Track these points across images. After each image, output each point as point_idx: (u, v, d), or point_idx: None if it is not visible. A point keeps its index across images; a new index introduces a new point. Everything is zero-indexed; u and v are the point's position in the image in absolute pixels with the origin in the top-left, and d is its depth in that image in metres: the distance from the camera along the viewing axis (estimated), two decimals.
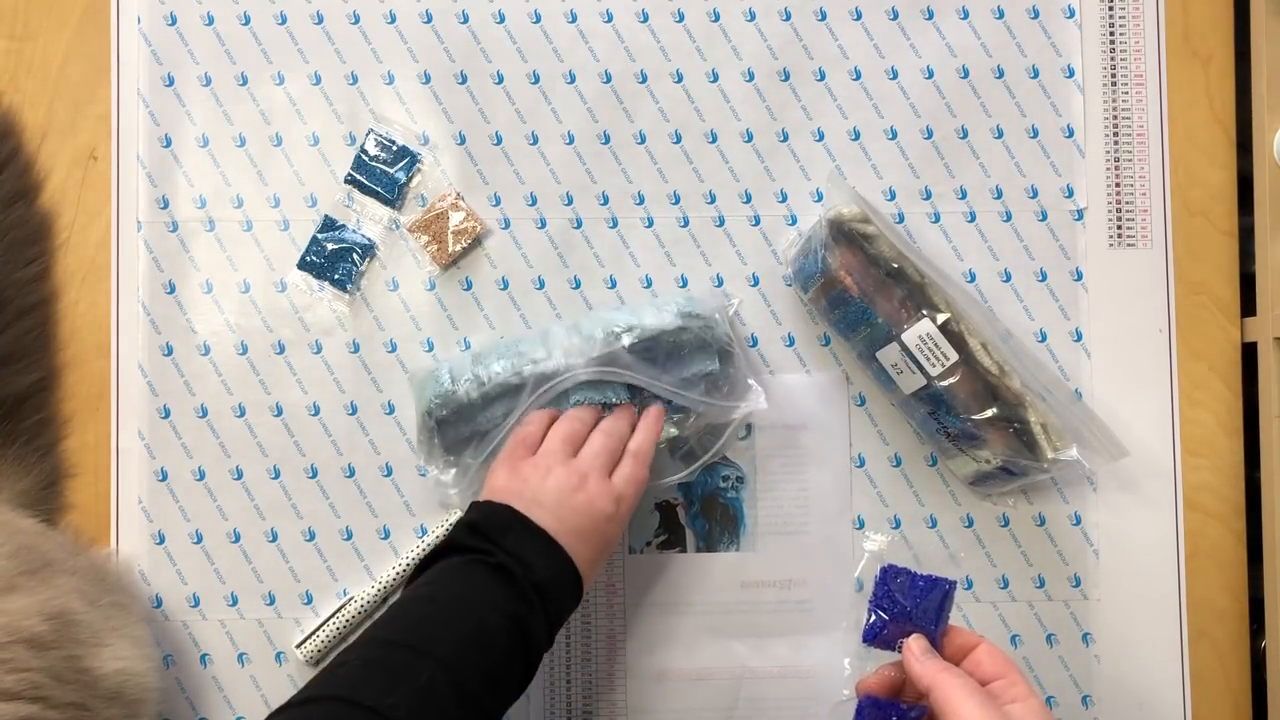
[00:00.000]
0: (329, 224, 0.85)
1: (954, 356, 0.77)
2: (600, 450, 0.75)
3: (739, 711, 0.83)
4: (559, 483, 0.73)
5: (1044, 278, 0.86)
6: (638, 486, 0.76)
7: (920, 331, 0.78)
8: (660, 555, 0.84)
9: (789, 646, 0.84)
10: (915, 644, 0.66)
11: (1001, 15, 0.87)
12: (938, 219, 0.86)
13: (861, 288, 0.79)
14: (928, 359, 0.78)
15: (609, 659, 0.84)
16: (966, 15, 0.86)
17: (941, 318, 0.78)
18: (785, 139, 0.86)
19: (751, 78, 0.86)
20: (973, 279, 0.86)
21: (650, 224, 0.86)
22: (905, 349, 0.78)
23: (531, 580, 0.68)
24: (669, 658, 0.84)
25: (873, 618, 0.68)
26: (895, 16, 0.86)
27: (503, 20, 0.86)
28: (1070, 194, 0.86)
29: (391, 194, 0.85)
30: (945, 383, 0.78)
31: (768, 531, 0.84)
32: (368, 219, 0.85)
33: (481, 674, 0.65)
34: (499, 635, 0.67)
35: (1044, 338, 0.86)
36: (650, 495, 0.84)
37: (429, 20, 0.86)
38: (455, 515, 0.83)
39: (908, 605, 0.68)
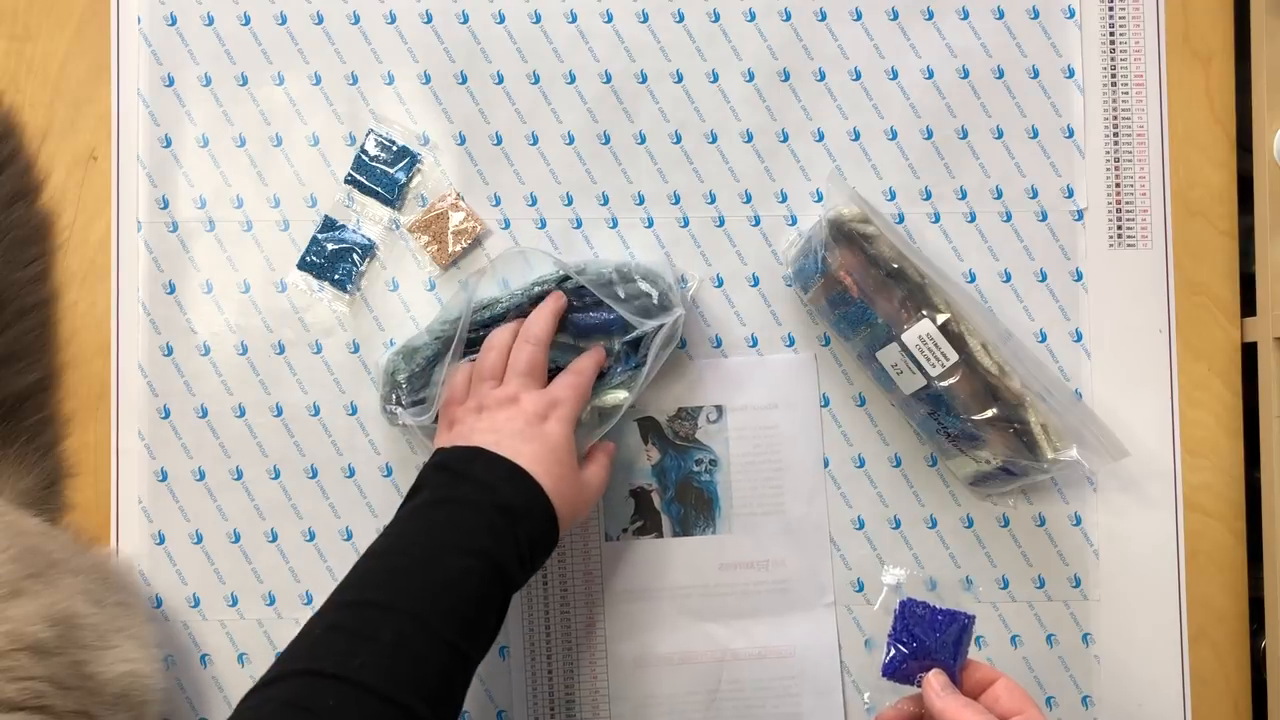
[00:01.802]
0: (329, 224, 0.85)
1: (954, 357, 0.78)
2: (526, 366, 0.76)
3: (721, 693, 0.83)
4: (492, 411, 0.73)
5: (1044, 278, 0.86)
6: (575, 390, 0.76)
7: (920, 332, 0.78)
8: (637, 541, 0.84)
9: (769, 627, 0.84)
10: (935, 679, 0.67)
11: (1001, 15, 0.87)
12: (938, 219, 0.86)
13: (861, 288, 0.79)
14: (928, 359, 0.78)
15: (589, 646, 0.84)
16: (966, 16, 0.86)
17: (941, 318, 0.78)
18: (785, 139, 0.86)
19: (752, 78, 0.86)
20: (973, 279, 0.86)
21: (650, 224, 0.86)
22: (905, 349, 0.78)
23: (496, 503, 0.67)
24: (649, 643, 0.84)
25: (892, 652, 0.69)
26: (895, 17, 0.86)
27: (503, 20, 0.86)
28: (1070, 194, 0.86)
29: (391, 194, 0.85)
30: (945, 383, 0.78)
31: (743, 513, 0.85)
32: (368, 219, 0.85)
33: (455, 619, 0.64)
34: (467, 576, 0.65)
35: (1044, 338, 0.86)
36: (621, 477, 0.84)
37: (429, 20, 0.86)
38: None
39: (926, 640, 0.68)
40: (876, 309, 0.79)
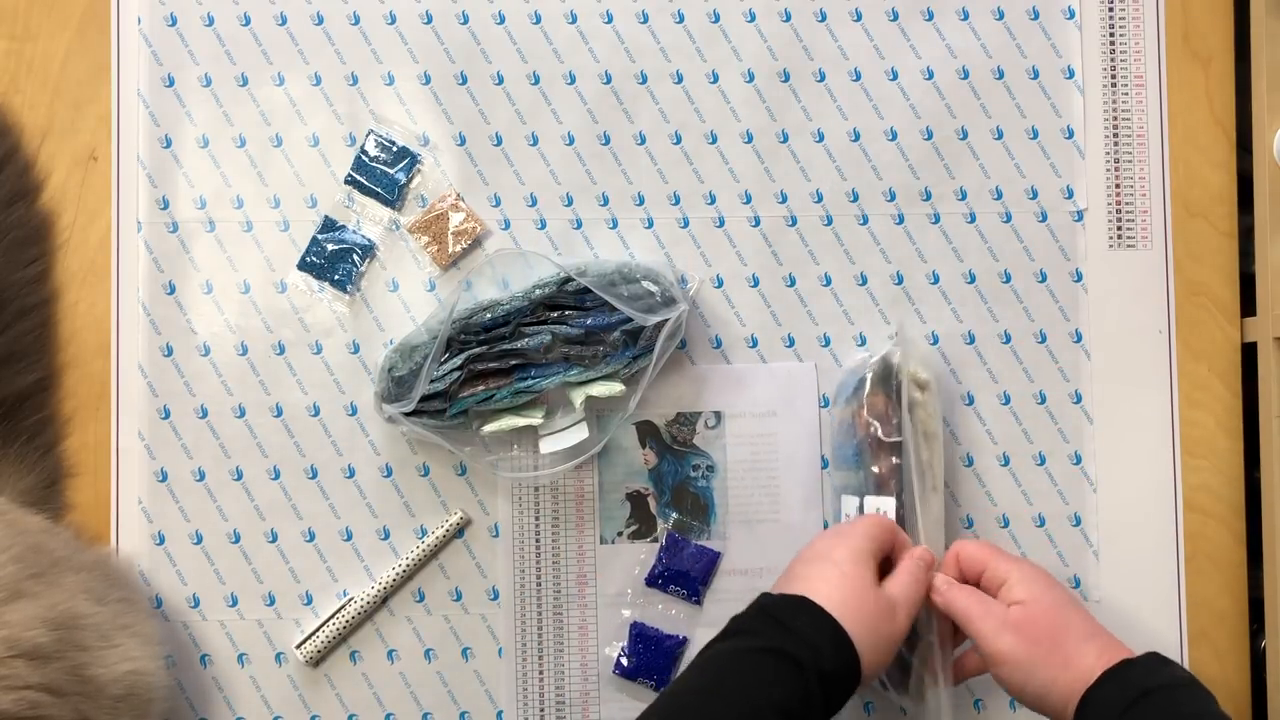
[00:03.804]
0: (329, 225, 0.85)
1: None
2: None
3: None
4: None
5: (1044, 279, 0.86)
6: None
7: (881, 506, 0.78)
8: (632, 545, 0.84)
9: None
10: (939, 579, 0.75)
11: (1001, 16, 0.87)
12: (938, 220, 0.86)
13: (868, 435, 0.80)
14: None
15: (581, 650, 0.84)
16: (966, 16, 0.86)
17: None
18: (785, 139, 0.86)
19: (751, 78, 0.86)
20: (973, 280, 0.86)
21: (650, 224, 0.86)
22: (861, 509, 0.80)
23: (819, 669, 0.67)
24: None
25: (657, 569, 0.83)
26: (895, 17, 0.86)
27: (503, 21, 0.86)
28: (1070, 195, 0.86)
29: (391, 194, 0.85)
30: None
31: (739, 519, 0.85)
32: (368, 220, 0.85)
33: None
34: None
35: (1044, 339, 0.86)
36: (617, 480, 0.84)
37: (429, 21, 0.86)
38: (456, 517, 0.83)
39: (684, 567, 0.83)
40: (864, 460, 0.80)
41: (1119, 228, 0.86)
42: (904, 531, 0.77)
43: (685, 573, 0.83)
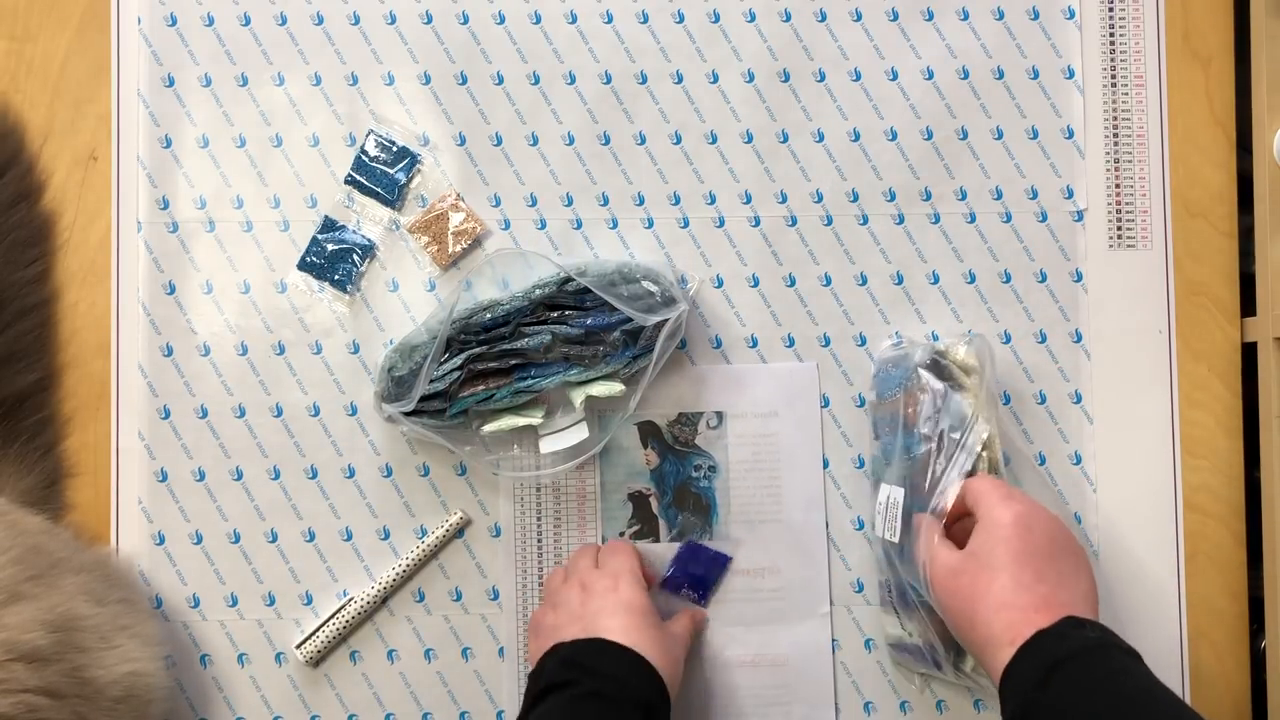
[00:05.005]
0: (329, 225, 0.85)
1: None
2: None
3: (713, 700, 0.83)
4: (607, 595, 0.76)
5: (1044, 279, 0.86)
6: (628, 553, 0.81)
7: (894, 495, 0.78)
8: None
9: (762, 635, 0.84)
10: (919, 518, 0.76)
11: (1001, 16, 0.87)
12: (938, 220, 0.86)
13: (916, 424, 0.79)
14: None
15: None
16: (966, 16, 0.86)
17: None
18: (785, 139, 0.86)
19: (752, 79, 0.86)
20: (973, 280, 0.86)
21: (650, 225, 0.86)
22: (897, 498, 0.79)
23: (635, 699, 0.69)
24: None
25: (672, 571, 0.84)
26: (895, 18, 0.86)
27: (503, 21, 0.86)
28: (1070, 195, 0.86)
29: (391, 195, 0.85)
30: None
31: (741, 520, 0.85)
32: (368, 220, 0.85)
33: None
34: None
35: (1044, 339, 0.86)
36: (619, 480, 0.84)
37: (429, 21, 0.86)
38: (456, 517, 0.83)
39: (696, 571, 0.84)
40: (911, 449, 0.79)
41: (1119, 228, 0.86)
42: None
43: (700, 577, 0.84)
